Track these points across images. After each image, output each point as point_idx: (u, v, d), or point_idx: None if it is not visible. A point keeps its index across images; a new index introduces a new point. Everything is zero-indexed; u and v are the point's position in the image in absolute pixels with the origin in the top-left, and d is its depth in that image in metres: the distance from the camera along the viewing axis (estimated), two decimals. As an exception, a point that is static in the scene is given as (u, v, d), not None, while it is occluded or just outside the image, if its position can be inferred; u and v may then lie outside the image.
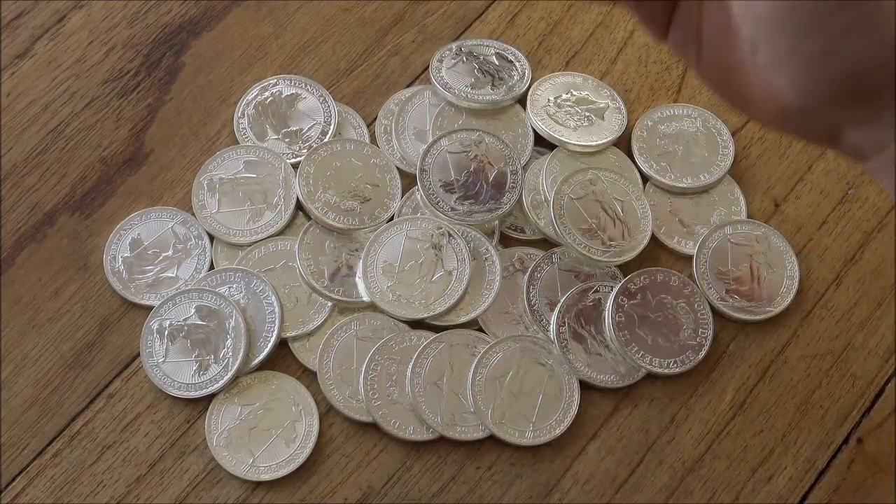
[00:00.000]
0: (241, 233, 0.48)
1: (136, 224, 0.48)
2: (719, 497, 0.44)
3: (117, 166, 0.50)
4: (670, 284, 0.47)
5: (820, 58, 0.30)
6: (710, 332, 0.46)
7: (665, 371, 0.45)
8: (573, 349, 0.46)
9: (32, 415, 0.44)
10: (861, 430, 0.45)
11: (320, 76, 0.52)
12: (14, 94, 0.51)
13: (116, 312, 0.47)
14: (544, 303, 0.47)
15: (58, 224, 0.48)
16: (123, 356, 0.46)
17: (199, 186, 0.48)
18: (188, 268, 0.47)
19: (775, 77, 0.32)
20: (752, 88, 0.35)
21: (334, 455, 0.44)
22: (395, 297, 0.46)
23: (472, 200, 0.48)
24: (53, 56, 0.52)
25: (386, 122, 0.50)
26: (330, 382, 0.45)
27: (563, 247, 0.48)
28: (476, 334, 0.46)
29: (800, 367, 0.46)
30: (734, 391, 0.46)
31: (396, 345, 0.45)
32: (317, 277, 0.46)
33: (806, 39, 0.30)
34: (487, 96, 0.50)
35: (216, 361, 0.45)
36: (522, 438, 0.44)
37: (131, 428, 0.44)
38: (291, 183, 0.48)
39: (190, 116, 0.51)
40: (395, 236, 0.47)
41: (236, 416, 0.44)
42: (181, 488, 0.43)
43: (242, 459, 0.43)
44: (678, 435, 0.45)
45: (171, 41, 0.52)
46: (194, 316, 0.46)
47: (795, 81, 0.31)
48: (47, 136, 0.50)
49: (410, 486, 0.44)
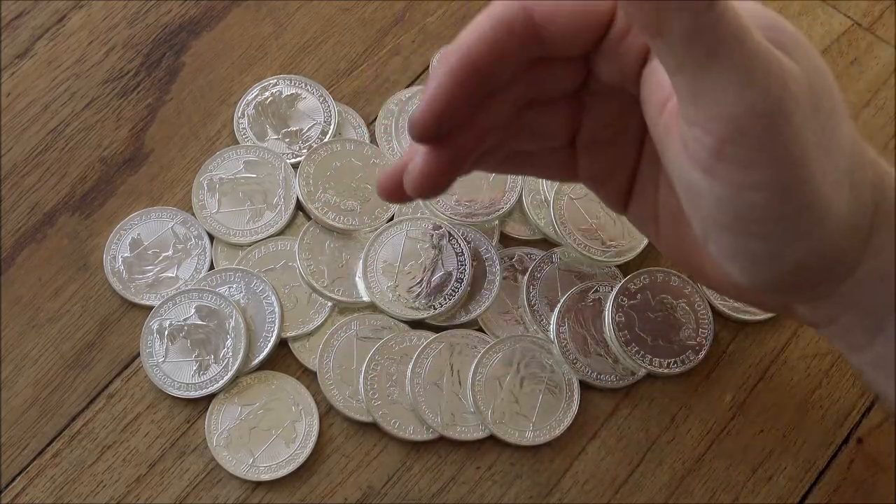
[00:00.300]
0: (241, 233, 0.48)
1: (136, 224, 0.48)
2: (719, 497, 0.44)
3: (117, 166, 0.50)
4: (670, 284, 0.47)
5: (764, 259, 0.32)
6: (710, 332, 0.46)
7: (665, 371, 0.45)
8: (573, 349, 0.46)
9: (32, 415, 0.44)
10: (861, 430, 0.45)
11: (320, 76, 0.52)
12: (14, 94, 0.51)
13: (116, 312, 0.47)
14: (544, 303, 0.47)
15: (58, 224, 0.48)
16: (123, 356, 0.46)
17: (199, 186, 0.48)
18: (188, 268, 0.47)
19: (726, 266, 0.34)
20: (706, 267, 0.37)
21: (334, 455, 0.44)
22: (395, 297, 0.46)
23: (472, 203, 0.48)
24: (53, 56, 0.52)
25: (386, 122, 0.50)
26: (330, 382, 0.45)
27: (563, 247, 0.48)
28: (476, 334, 0.46)
29: (800, 367, 0.46)
30: (734, 391, 0.46)
31: (396, 345, 0.45)
32: (317, 277, 0.46)
33: (750, 241, 0.32)
34: (487, 96, 0.50)
35: (216, 361, 0.45)
36: (522, 438, 0.44)
37: (131, 428, 0.44)
38: (291, 183, 0.48)
39: (190, 116, 0.51)
40: (395, 236, 0.47)
41: (236, 416, 0.44)
42: (181, 488, 0.43)
43: (242, 459, 0.43)
44: (678, 435, 0.45)
45: (171, 41, 0.52)
46: (194, 316, 0.46)
47: (743, 274, 0.33)
48: (47, 136, 0.50)
49: (410, 486, 0.44)
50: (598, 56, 0.34)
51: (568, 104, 0.37)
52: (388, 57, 0.52)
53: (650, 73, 0.33)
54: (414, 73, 0.52)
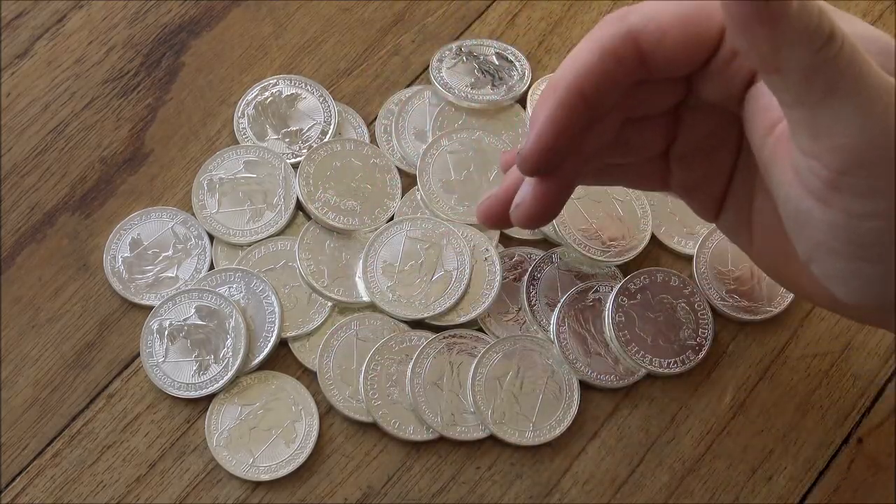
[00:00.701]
0: (241, 233, 0.48)
1: (136, 224, 0.48)
2: (719, 497, 0.44)
3: (117, 166, 0.50)
4: (670, 284, 0.47)
5: (877, 281, 0.31)
6: (710, 332, 0.46)
7: (665, 371, 0.45)
8: (573, 349, 0.46)
9: (32, 415, 0.44)
10: (861, 430, 0.45)
11: (320, 76, 0.52)
12: (14, 94, 0.51)
13: (116, 312, 0.47)
14: (544, 303, 0.47)
15: (58, 224, 0.48)
16: (123, 356, 0.46)
17: (199, 186, 0.48)
18: (188, 268, 0.47)
19: (831, 286, 0.33)
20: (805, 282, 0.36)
21: (334, 455, 0.44)
22: (395, 297, 0.46)
23: (472, 200, 0.48)
24: (53, 56, 0.52)
25: (386, 122, 0.50)
26: (330, 382, 0.45)
27: (563, 247, 0.48)
28: (476, 334, 0.46)
29: (800, 367, 0.46)
30: (734, 391, 0.46)
31: (396, 345, 0.45)
32: (317, 277, 0.46)
33: (863, 266, 0.31)
34: (487, 96, 0.50)
35: (216, 361, 0.45)
36: (522, 438, 0.44)
37: (131, 428, 0.44)
38: (291, 183, 0.48)
39: (190, 116, 0.51)
40: (395, 236, 0.47)
41: (236, 416, 0.44)
42: (181, 488, 0.43)
43: (242, 459, 0.43)
44: (678, 435, 0.45)
45: (171, 41, 0.52)
46: (194, 316, 0.46)
47: (852, 295, 0.32)
48: (47, 136, 0.50)
49: (410, 486, 0.44)
50: (702, 76, 0.34)
51: (665, 119, 0.37)
52: (388, 57, 0.52)
53: (756, 94, 0.32)
54: (414, 73, 0.52)
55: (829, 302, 0.36)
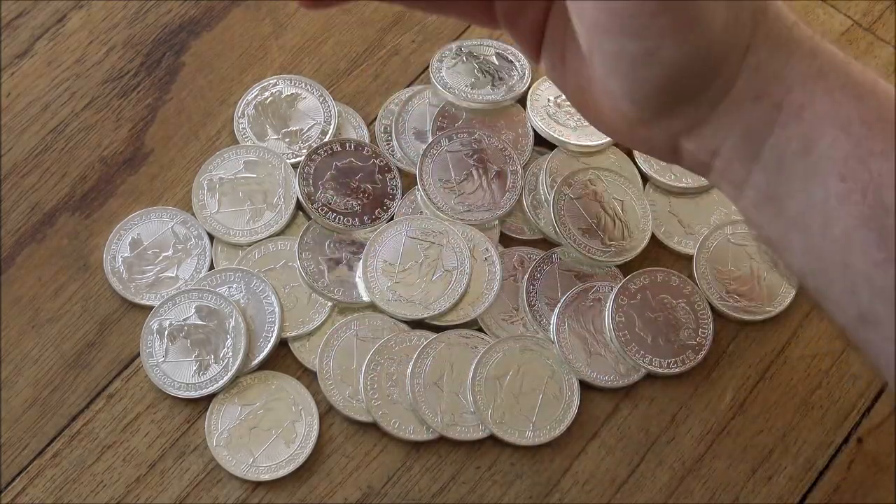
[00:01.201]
0: (241, 233, 0.48)
1: (136, 224, 0.48)
2: (719, 497, 0.44)
3: (117, 166, 0.50)
4: (670, 284, 0.47)
5: (641, 59, 0.32)
6: (710, 332, 0.46)
7: (665, 371, 0.45)
8: (573, 349, 0.46)
9: (32, 415, 0.44)
10: (861, 430, 0.45)
11: (320, 76, 0.52)
12: (14, 94, 0.51)
13: (116, 312, 0.47)
14: (544, 303, 0.47)
15: (58, 224, 0.48)
16: (123, 356, 0.46)
17: (199, 186, 0.48)
18: (188, 268, 0.47)
19: (609, 82, 0.34)
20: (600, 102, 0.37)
21: (334, 455, 0.44)
22: (395, 297, 0.46)
23: (472, 201, 0.48)
24: (53, 56, 0.52)
25: (386, 122, 0.50)
26: (330, 382, 0.45)
27: (563, 247, 0.48)
28: (476, 334, 0.46)
29: (800, 367, 0.46)
30: (734, 391, 0.46)
31: (396, 345, 0.45)
32: (317, 277, 0.46)
33: (628, 42, 0.32)
34: (487, 96, 0.50)
35: (216, 361, 0.45)
36: (522, 438, 0.44)
37: (131, 428, 0.44)
38: (291, 183, 0.48)
39: (190, 116, 0.51)
40: (395, 236, 0.47)
41: (236, 416, 0.44)
42: (181, 488, 0.43)
43: (242, 459, 0.43)
44: (678, 435, 0.45)
45: (171, 41, 0.52)
46: (194, 316, 0.46)
47: (623, 84, 0.33)
48: (47, 136, 0.50)
49: (410, 486, 0.44)
50: None
51: None
52: (388, 57, 0.52)
53: None
54: (414, 73, 0.52)
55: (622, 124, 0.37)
